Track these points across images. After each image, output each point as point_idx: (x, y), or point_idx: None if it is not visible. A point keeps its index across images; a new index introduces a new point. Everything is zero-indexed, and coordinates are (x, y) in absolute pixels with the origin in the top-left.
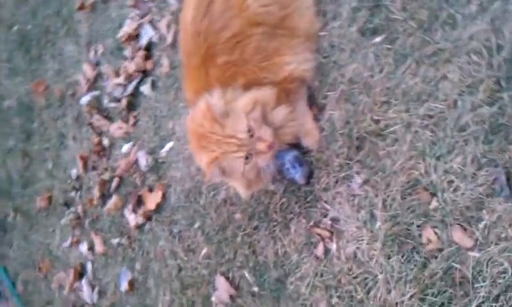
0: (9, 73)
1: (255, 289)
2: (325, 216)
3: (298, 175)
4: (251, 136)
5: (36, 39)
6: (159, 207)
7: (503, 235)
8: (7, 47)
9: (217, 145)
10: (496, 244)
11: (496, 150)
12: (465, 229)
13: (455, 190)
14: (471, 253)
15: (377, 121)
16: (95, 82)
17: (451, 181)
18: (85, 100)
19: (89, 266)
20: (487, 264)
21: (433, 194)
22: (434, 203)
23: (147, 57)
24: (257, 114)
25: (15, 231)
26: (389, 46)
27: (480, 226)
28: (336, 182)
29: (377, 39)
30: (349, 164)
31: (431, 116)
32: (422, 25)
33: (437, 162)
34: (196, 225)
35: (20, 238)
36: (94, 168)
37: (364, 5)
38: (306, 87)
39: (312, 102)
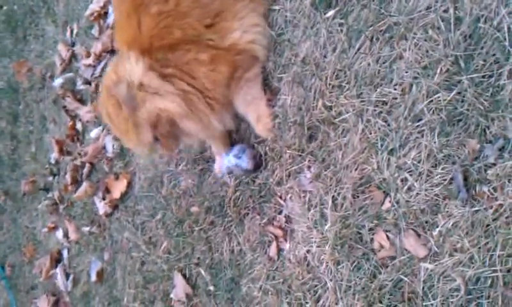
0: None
1: (211, 288)
2: (279, 213)
3: (245, 163)
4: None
5: (21, 20)
6: (124, 196)
7: (458, 245)
8: None
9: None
10: (451, 255)
11: (454, 144)
12: (419, 236)
13: (409, 189)
14: (423, 264)
15: (329, 108)
16: (70, 63)
17: (405, 180)
18: (58, 82)
19: (65, 253)
20: (439, 279)
21: (386, 194)
22: (387, 204)
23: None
24: (163, 129)
25: (5, 215)
26: (342, 21)
27: (435, 233)
28: (289, 176)
29: (330, 12)
30: (301, 155)
31: (384, 103)
32: None
33: (390, 156)
34: (158, 216)
35: (9, 221)
36: (68, 153)
37: None
38: (261, 68)
39: (266, 85)
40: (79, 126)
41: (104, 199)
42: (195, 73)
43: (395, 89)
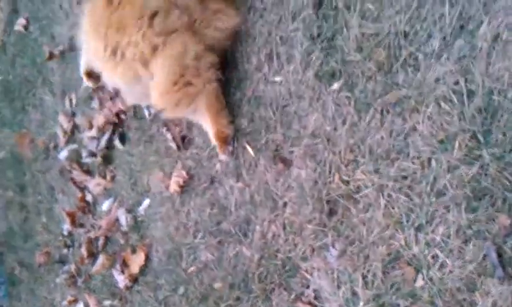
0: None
1: None
2: (307, 287)
3: None
4: None
5: (18, 90)
6: (143, 270)
7: None
8: None
9: None
10: None
11: (482, 220)
12: None
13: (441, 266)
14: None
15: (346, 182)
16: (72, 134)
17: (436, 256)
18: (63, 155)
19: None
20: None
21: (418, 270)
22: (420, 281)
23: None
24: None
25: (22, 285)
26: (348, 94)
27: None
28: (313, 251)
29: (336, 85)
30: (323, 231)
31: (404, 177)
32: (381, 67)
33: (417, 232)
34: (180, 291)
35: (27, 293)
36: (81, 225)
37: (317, 46)
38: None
39: (278, 157)
40: (89, 198)
41: (122, 272)
42: None
43: (413, 164)
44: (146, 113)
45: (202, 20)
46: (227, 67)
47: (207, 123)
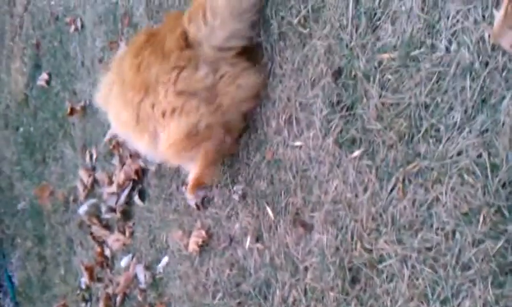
0: (20, 176)
1: None
2: None
3: None
4: None
5: (39, 142)
6: None
7: None
8: (16, 149)
9: None
10: None
11: (510, 295)
12: None
13: None
14: None
15: (369, 251)
16: (92, 188)
17: None
18: (82, 210)
19: None
20: None
21: None
22: None
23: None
24: None
25: None
26: (369, 162)
27: None
28: None
29: (356, 153)
30: (346, 299)
31: (428, 249)
32: (402, 136)
33: (443, 306)
34: None
35: None
36: (99, 280)
37: (336, 114)
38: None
39: (298, 220)
40: (107, 252)
41: None
42: None
43: (437, 235)
44: None
45: (228, 76)
46: (246, 129)
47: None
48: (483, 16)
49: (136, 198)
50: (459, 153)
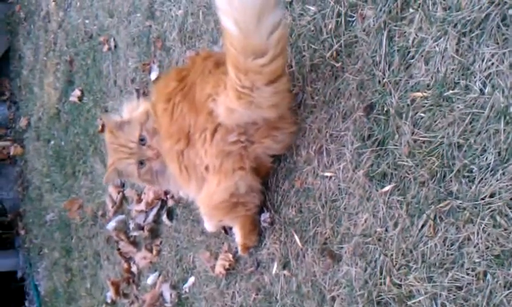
0: (50, 188)
1: None
2: None
3: None
4: (144, 144)
5: (69, 156)
6: None
7: None
8: (47, 161)
9: (114, 152)
10: None
11: None
12: None
13: None
14: None
15: (398, 286)
16: (121, 205)
17: None
18: (111, 226)
19: None
20: None
21: None
22: None
23: None
24: (151, 125)
25: None
26: (400, 198)
27: None
28: None
29: (387, 187)
30: None
31: (458, 288)
32: (434, 174)
33: None
34: None
35: None
36: (125, 295)
37: (368, 148)
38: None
39: (327, 251)
40: (134, 269)
41: None
42: None
43: (468, 275)
44: None
45: (264, 129)
46: (277, 156)
47: (237, 231)
48: None
49: (164, 217)
50: (492, 195)
